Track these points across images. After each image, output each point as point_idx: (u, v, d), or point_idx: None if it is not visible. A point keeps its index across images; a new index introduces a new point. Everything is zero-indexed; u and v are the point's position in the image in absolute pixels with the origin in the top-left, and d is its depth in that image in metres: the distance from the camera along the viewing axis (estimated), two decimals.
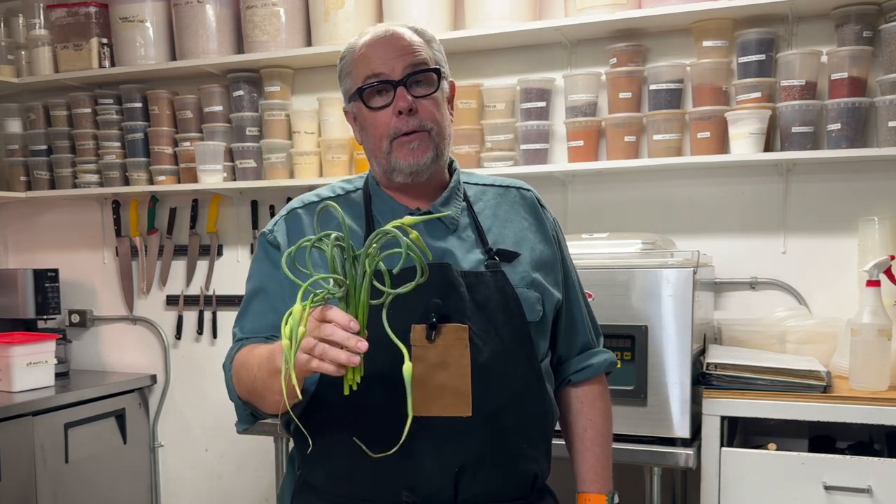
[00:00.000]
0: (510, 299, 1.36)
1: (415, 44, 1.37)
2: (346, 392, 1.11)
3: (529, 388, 1.38)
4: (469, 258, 1.38)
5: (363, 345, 1.07)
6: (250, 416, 1.41)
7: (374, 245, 1.11)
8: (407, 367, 1.10)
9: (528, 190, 1.53)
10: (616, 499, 1.50)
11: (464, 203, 1.45)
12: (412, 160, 1.36)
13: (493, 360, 1.32)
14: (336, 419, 1.33)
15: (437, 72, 1.37)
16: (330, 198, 1.45)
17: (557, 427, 1.53)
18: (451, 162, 1.48)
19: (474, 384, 1.30)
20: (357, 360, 1.08)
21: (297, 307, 1.09)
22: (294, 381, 1.08)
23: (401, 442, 1.14)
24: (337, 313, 1.08)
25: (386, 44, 1.36)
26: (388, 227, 1.12)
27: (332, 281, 1.11)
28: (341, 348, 1.08)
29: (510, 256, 1.40)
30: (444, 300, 1.31)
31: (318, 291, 1.11)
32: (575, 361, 1.54)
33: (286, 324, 1.09)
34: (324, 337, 1.08)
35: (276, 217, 1.48)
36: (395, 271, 1.12)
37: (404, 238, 1.09)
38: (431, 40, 1.41)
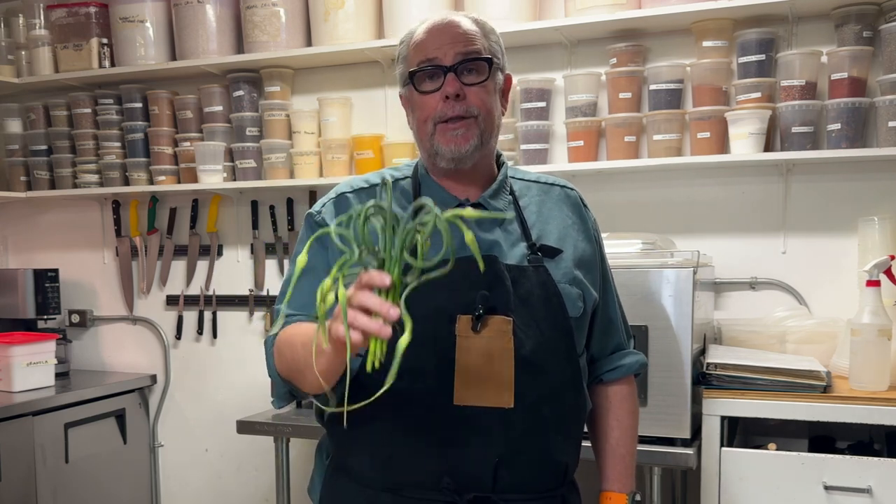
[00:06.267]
0: (552, 294, 1.38)
1: (470, 33, 1.38)
2: (368, 369, 1.07)
3: (568, 383, 1.40)
4: (514, 252, 1.40)
5: (395, 311, 1.03)
6: (288, 394, 1.40)
7: (414, 221, 1.07)
8: (403, 339, 1.04)
9: (572, 189, 1.55)
10: (637, 498, 1.52)
11: (510, 197, 1.47)
12: (454, 146, 1.37)
13: (534, 354, 1.34)
14: (377, 406, 1.33)
15: (489, 61, 1.38)
16: (378, 184, 1.47)
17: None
18: (500, 155, 1.50)
19: (516, 376, 1.32)
20: (388, 331, 1.02)
21: (327, 281, 1.06)
22: (323, 343, 1.06)
23: (373, 398, 1.10)
24: (372, 274, 1.05)
25: (442, 31, 1.38)
26: (433, 208, 1.07)
27: (366, 252, 1.08)
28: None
29: (553, 252, 1.42)
30: (491, 292, 1.33)
31: (348, 258, 1.07)
32: (607, 361, 1.56)
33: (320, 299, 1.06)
34: (358, 303, 1.04)
35: (325, 199, 1.48)
36: (436, 260, 1.06)
37: (437, 213, 1.04)
38: (490, 32, 1.43)
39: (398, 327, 1.04)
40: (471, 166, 1.40)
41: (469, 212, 1.07)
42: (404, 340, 1.05)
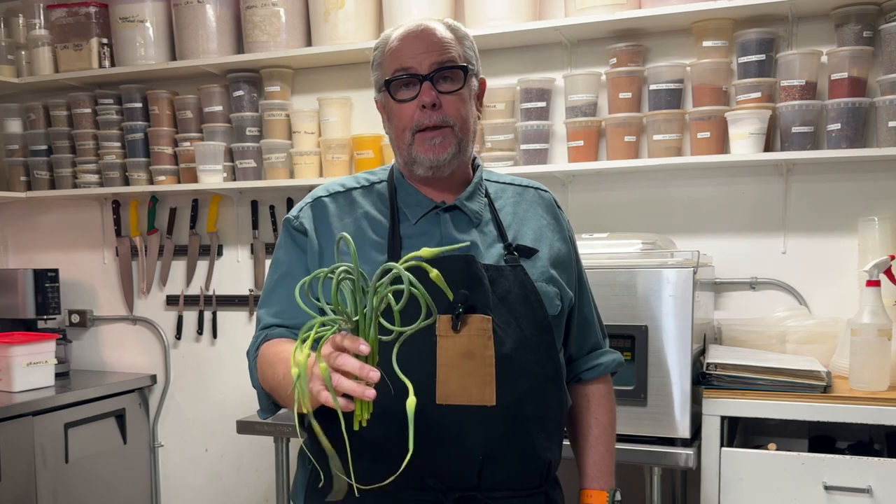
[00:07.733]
0: (530, 293, 1.39)
1: (445, 40, 1.39)
2: (356, 427, 1.08)
3: (548, 380, 1.41)
4: (490, 252, 1.41)
5: (374, 374, 1.04)
6: (272, 406, 1.41)
7: (383, 280, 1.07)
8: (411, 401, 1.05)
9: (546, 191, 1.57)
10: (618, 496, 1.53)
11: (486, 199, 1.48)
12: (432, 156, 1.38)
13: (515, 352, 1.35)
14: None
15: (465, 69, 1.39)
16: (355, 188, 1.48)
17: None
18: (474, 158, 1.51)
19: (497, 374, 1.33)
20: (372, 393, 1.04)
21: (300, 357, 1.05)
22: (304, 408, 1.06)
23: (397, 473, 1.11)
24: (348, 340, 1.06)
25: (416, 39, 1.39)
26: (406, 260, 1.07)
27: (341, 313, 1.08)
28: (355, 379, 1.05)
29: (529, 252, 1.43)
30: (469, 291, 1.34)
31: (324, 320, 1.07)
32: (585, 360, 1.57)
33: (294, 362, 1.06)
34: (337, 367, 1.05)
35: (301, 203, 1.49)
36: (396, 308, 1.07)
37: (407, 274, 1.05)
38: (464, 38, 1.43)
39: (379, 386, 1.05)
40: (447, 173, 1.42)
41: (426, 251, 1.09)
42: (412, 402, 1.05)
